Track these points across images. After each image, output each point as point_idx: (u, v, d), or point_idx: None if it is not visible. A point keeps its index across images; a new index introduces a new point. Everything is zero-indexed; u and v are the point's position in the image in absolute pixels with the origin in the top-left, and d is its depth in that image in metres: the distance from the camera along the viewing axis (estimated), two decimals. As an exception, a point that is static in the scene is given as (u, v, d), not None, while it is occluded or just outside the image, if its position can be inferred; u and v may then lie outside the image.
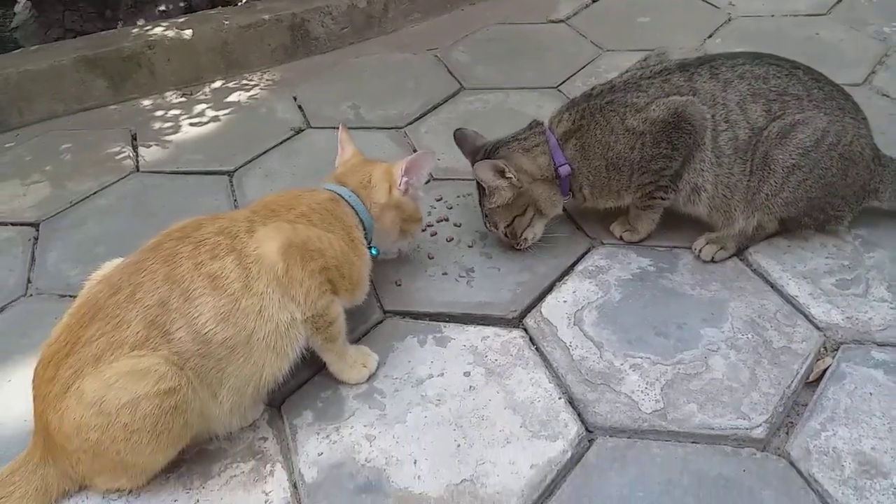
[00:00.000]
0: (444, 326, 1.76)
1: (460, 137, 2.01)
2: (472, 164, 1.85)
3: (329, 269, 1.51)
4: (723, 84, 1.76)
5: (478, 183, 1.88)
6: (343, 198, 1.68)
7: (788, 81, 1.75)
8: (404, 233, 1.81)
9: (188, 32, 2.95)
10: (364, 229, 1.69)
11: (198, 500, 1.42)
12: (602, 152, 1.82)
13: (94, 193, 2.39)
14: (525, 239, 1.91)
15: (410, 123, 2.61)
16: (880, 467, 1.35)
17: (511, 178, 1.81)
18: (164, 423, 1.31)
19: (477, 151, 1.92)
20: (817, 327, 1.65)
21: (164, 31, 2.97)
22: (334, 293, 1.54)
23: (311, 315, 1.48)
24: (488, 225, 1.94)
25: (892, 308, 1.68)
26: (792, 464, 1.38)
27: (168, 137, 2.69)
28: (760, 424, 1.44)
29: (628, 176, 1.83)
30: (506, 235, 1.91)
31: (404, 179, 1.74)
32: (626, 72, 1.93)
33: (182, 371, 1.33)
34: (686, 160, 1.78)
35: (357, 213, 1.68)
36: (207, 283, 1.37)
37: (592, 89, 1.89)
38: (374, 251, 1.71)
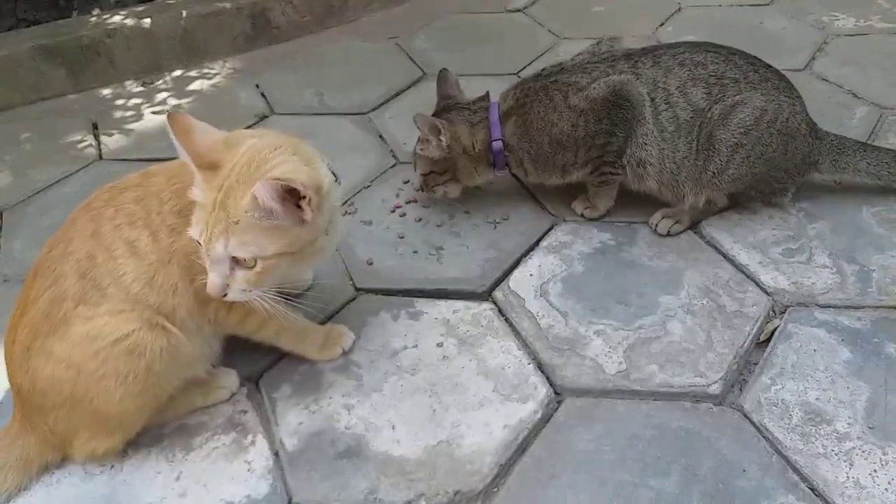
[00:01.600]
0: (416, 301, 1.82)
1: (441, 78, 2.13)
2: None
3: None
4: (664, 70, 1.87)
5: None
6: None
7: (726, 66, 1.86)
8: None
9: (147, 21, 2.93)
10: None
11: (181, 472, 1.45)
12: (546, 129, 1.92)
13: (58, 181, 2.37)
14: (434, 191, 2.06)
15: (375, 109, 2.66)
16: (824, 415, 1.47)
17: (442, 141, 1.94)
18: (124, 365, 1.34)
19: (444, 99, 2.09)
20: (766, 292, 1.76)
21: (123, 19, 2.95)
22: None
23: (224, 331, 1.53)
24: (413, 163, 2.09)
25: (832, 274, 1.80)
26: (745, 415, 1.48)
27: (130, 126, 2.68)
28: (716, 381, 1.54)
29: (573, 152, 1.93)
30: (421, 180, 2.07)
31: None
32: (578, 55, 2.04)
33: (132, 312, 1.35)
34: (628, 135, 1.88)
35: None
36: (126, 247, 1.38)
37: (543, 70, 2.01)
38: None
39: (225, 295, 1.32)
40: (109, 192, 1.46)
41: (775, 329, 1.67)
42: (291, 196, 1.26)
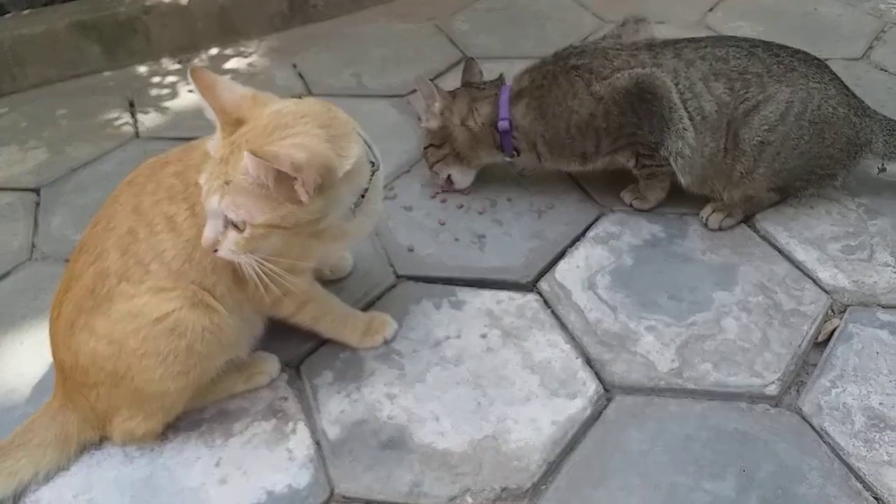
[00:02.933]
0: (459, 290, 1.77)
1: (468, 66, 2.10)
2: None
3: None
4: (685, 63, 1.81)
5: None
6: None
7: (748, 61, 1.79)
8: None
9: (185, -2, 2.90)
10: None
11: (221, 458, 1.43)
12: (563, 115, 1.87)
13: (95, 159, 2.35)
14: (436, 173, 2.05)
15: (414, 91, 2.59)
16: (888, 421, 1.40)
17: (435, 108, 1.96)
18: (164, 345, 1.31)
19: (464, 83, 2.07)
20: (825, 290, 1.69)
21: (161, -4, 2.92)
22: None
23: (260, 313, 1.49)
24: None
25: (895, 273, 1.72)
26: (804, 419, 1.42)
27: (166, 104, 2.65)
28: (773, 382, 1.48)
29: (594, 141, 1.87)
30: (423, 154, 2.09)
31: None
32: (602, 38, 2.00)
33: (174, 290, 1.33)
34: (662, 128, 1.81)
35: None
36: (165, 222, 1.36)
37: (563, 50, 1.95)
38: None
39: (215, 251, 1.28)
40: (151, 167, 1.44)
41: (835, 329, 1.60)
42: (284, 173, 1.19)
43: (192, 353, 1.35)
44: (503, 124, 1.93)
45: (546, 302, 1.72)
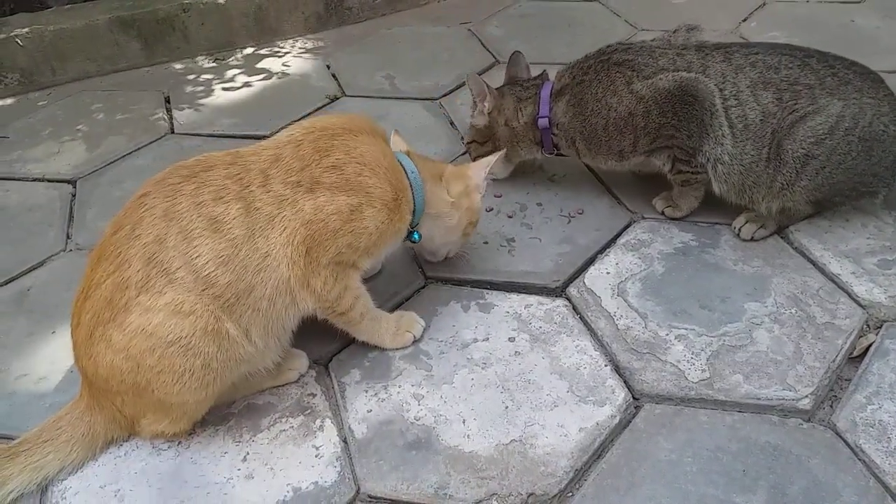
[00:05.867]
0: (487, 293, 1.77)
1: (514, 60, 2.11)
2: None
3: (342, 251, 1.44)
4: (735, 68, 1.78)
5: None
6: (406, 171, 1.58)
7: (800, 72, 1.75)
8: (465, 235, 1.75)
9: (222, -3, 2.94)
10: (413, 211, 1.60)
11: (247, 453, 1.43)
12: (602, 111, 1.86)
13: (130, 153, 2.39)
14: None
15: (445, 95, 2.61)
16: (926, 441, 1.37)
17: (485, 107, 1.98)
18: (180, 364, 1.31)
19: (510, 79, 2.08)
20: (860, 305, 1.66)
21: (199, -6, 2.96)
22: (351, 269, 1.49)
23: (321, 306, 1.47)
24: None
25: (933, 289, 1.69)
26: (839, 434, 1.39)
27: (202, 101, 2.68)
28: (806, 396, 1.46)
29: (632, 140, 1.85)
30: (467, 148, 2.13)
31: (485, 183, 1.70)
32: (652, 40, 1.97)
33: (189, 316, 1.31)
34: (701, 134, 1.78)
35: (413, 194, 1.58)
36: (207, 224, 1.33)
37: (608, 46, 1.94)
38: (416, 237, 1.65)
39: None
40: (191, 168, 1.41)
41: (870, 345, 1.57)
42: None
43: (209, 370, 1.34)
44: (543, 122, 1.93)
45: (575, 307, 1.71)
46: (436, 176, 1.65)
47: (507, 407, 1.48)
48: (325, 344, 1.63)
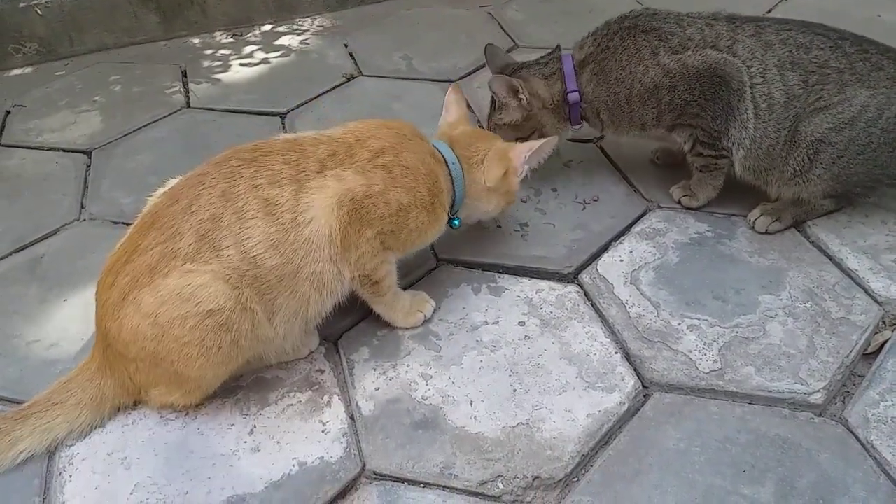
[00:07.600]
0: (499, 277, 1.76)
1: (490, 53, 2.04)
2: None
3: (385, 233, 1.47)
4: (764, 44, 1.72)
5: (492, 97, 1.93)
6: (447, 162, 1.60)
7: (832, 54, 1.69)
8: (501, 212, 1.75)
9: (241, -28, 2.92)
10: (453, 200, 1.62)
11: (254, 426, 1.43)
12: (626, 81, 1.81)
13: (146, 125, 2.39)
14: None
15: (463, 77, 2.58)
16: (939, 440, 1.36)
17: (523, 99, 1.87)
18: (210, 339, 1.31)
19: (504, 69, 1.96)
20: (877, 301, 1.64)
21: (218, -31, 2.94)
22: (388, 250, 1.51)
23: (358, 275, 1.46)
24: None
25: (952, 288, 1.67)
26: (850, 430, 1.38)
27: (218, 76, 2.68)
28: (819, 390, 1.44)
29: (655, 113, 1.82)
30: None
31: (526, 168, 1.68)
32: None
33: (234, 290, 1.32)
34: (726, 117, 1.75)
35: (453, 184, 1.60)
36: (261, 206, 1.36)
37: (631, 12, 1.87)
38: (455, 223, 1.66)
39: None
40: (250, 152, 1.43)
41: (886, 341, 1.55)
42: None
43: (236, 347, 1.35)
44: (573, 96, 1.87)
45: (587, 294, 1.70)
46: (479, 161, 1.65)
47: (514, 390, 1.48)
48: (336, 321, 1.62)
